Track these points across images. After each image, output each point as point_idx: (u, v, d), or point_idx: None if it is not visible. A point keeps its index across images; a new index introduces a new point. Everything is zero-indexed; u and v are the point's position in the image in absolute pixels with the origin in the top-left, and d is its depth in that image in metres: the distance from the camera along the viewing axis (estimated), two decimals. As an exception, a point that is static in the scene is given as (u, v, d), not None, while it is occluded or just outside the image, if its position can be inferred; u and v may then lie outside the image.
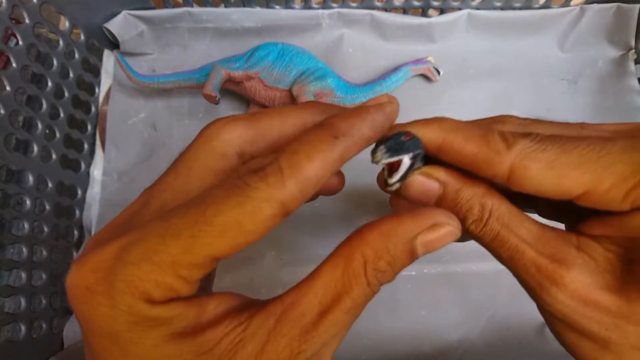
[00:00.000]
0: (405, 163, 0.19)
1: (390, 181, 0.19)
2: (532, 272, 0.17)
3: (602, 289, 0.16)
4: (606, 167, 0.16)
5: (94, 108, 0.48)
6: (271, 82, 0.44)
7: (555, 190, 0.16)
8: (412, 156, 0.19)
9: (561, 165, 0.16)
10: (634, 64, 0.49)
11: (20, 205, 0.38)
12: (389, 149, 0.19)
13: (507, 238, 0.17)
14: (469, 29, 0.49)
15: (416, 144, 0.19)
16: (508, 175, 0.17)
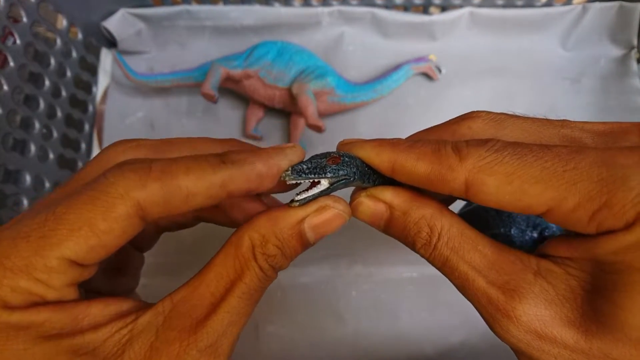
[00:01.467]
0: (321, 185, 0.18)
1: (295, 198, 0.18)
2: (483, 303, 0.16)
3: (559, 322, 0.14)
4: (572, 183, 0.14)
5: (91, 107, 0.48)
6: (270, 80, 0.43)
7: (515, 207, 0.15)
8: (335, 180, 0.19)
9: (521, 180, 0.14)
10: (637, 63, 0.48)
11: (17, 205, 0.38)
12: (294, 170, 0.18)
13: (457, 265, 0.16)
14: (470, 27, 0.48)
15: (344, 168, 0.19)
16: (465, 191, 0.15)
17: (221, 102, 0.48)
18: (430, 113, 0.48)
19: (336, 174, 0.19)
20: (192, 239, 0.44)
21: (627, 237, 0.13)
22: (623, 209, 0.13)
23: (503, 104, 0.48)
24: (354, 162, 0.19)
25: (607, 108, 0.48)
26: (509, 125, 0.17)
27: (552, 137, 0.17)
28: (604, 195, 0.13)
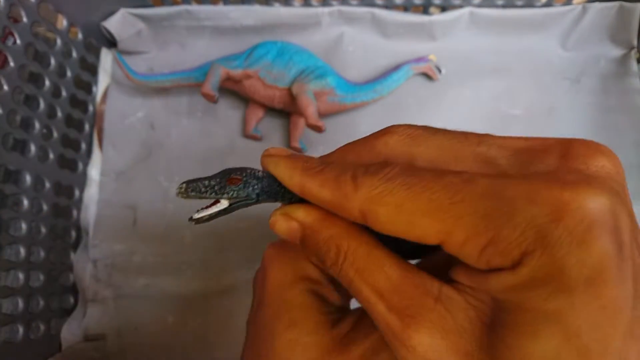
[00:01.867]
0: (221, 204, 0.19)
1: (193, 216, 0.20)
2: (383, 329, 0.15)
3: (454, 355, 0.14)
4: (458, 217, 0.13)
5: (91, 107, 0.48)
6: (270, 80, 0.43)
7: (409, 237, 0.14)
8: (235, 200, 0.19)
9: (409, 212, 0.14)
10: (637, 63, 0.48)
11: (17, 205, 0.38)
12: (189, 187, 0.19)
13: (359, 287, 0.16)
14: (470, 27, 0.48)
15: (245, 189, 0.19)
16: (362, 219, 0.15)
17: (221, 102, 0.48)
18: (430, 113, 0.48)
19: (235, 195, 0.19)
20: (192, 238, 0.44)
21: (513, 277, 0.12)
22: (508, 248, 0.12)
23: (503, 104, 0.48)
24: (259, 185, 0.19)
25: (607, 108, 0.48)
26: (424, 142, 0.17)
27: (467, 156, 0.16)
28: (490, 231, 0.13)
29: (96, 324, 0.42)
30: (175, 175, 0.46)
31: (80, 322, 0.42)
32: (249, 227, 0.44)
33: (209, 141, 0.47)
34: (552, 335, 0.12)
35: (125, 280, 0.44)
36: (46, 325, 0.40)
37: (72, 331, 0.42)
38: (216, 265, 0.44)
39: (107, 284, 0.43)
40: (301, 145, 0.45)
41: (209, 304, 0.43)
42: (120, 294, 0.43)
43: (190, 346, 0.42)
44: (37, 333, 0.39)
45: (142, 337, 0.42)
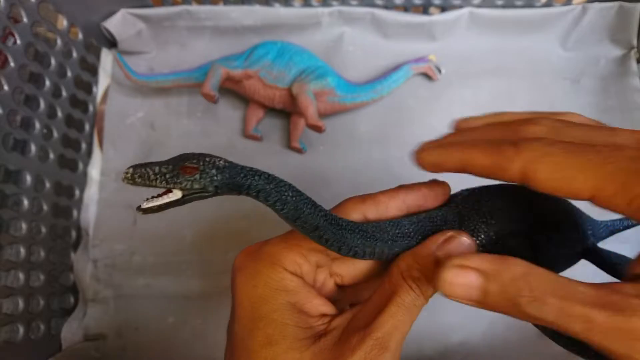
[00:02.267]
0: (173, 194, 0.17)
1: (142, 205, 0.17)
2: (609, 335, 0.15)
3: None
4: (610, 173, 0.16)
5: (91, 107, 0.48)
6: (270, 81, 0.43)
7: (564, 192, 0.17)
8: (189, 192, 0.17)
9: (568, 169, 0.16)
10: (636, 63, 0.48)
11: (18, 205, 0.38)
12: (137, 172, 0.17)
13: (571, 310, 0.15)
14: (470, 27, 0.48)
15: (201, 180, 0.17)
16: (521, 178, 0.18)
17: (221, 103, 0.48)
18: (430, 113, 0.48)
19: (188, 186, 0.17)
20: (192, 239, 0.44)
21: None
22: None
23: (503, 104, 0.48)
24: (219, 175, 0.18)
25: (606, 108, 0.48)
26: (563, 133, 0.19)
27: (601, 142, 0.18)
28: (638, 185, 0.15)
29: (96, 324, 0.42)
30: (176, 175, 0.46)
31: (80, 322, 0.42)
32: (249, 227, 0.44)
33: (209, 141, 0.47)
34: None
35: (125, 280, 0.44)
36: (46, 325, 0.40)
37: (72, 331, 0.42)
38: (216, 265, 0.44)
39: (107, 283, 0.43)
40: (301, 145, 0.45)
41: (209, 304, 0.43)
42: (120, 293, 0.43)
43: (190, 346, 0.42)
44: (38, 333, 0.39)
45: (142, 337, 0.42)
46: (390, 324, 0.19)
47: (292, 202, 0.19)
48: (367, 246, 0.20)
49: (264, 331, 0.20)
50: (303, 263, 0.21)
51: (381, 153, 0.46)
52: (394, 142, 0.47)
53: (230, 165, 0.18)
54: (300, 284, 0.21)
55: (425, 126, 0.47)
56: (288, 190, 0.19)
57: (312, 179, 0.46)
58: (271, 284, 0.20)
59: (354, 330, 0.20)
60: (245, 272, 0.21)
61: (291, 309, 0.20)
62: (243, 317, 0.21)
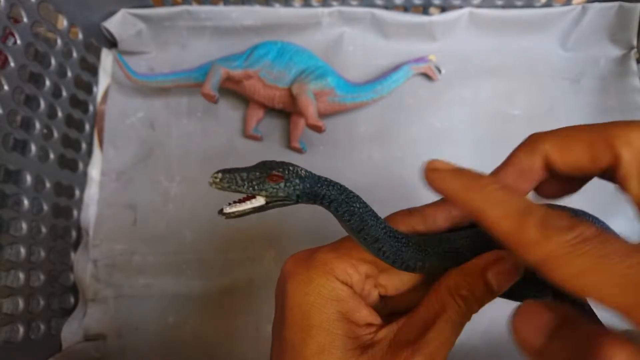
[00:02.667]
0: (256, 201, 0.18)
1: (224, 209, 0.18)
2: None
3: None
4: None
5: (91, 107, 0.48)
6: (270, 81, 0.43)
7: (587, 298, 0.14)
8: (273, 199, 0.17)
9: (596, 279, 0.14)
10: (636, 63, 0.48)
11: (18, 205, 0.38)
12: (225, 176, 0.17)
13: None
14: (470, 27, 0.48)
15: (285, 189, 0.18)
16: (538, 266, 0.15)
17: (221, 103, 0.48)
18: (429, 113, 0.48)
19: (274, 193, 0.18)
20: (192, 238, 0.44)
21: None
22: None
23: (503, 104, 0.48)
24: (301, 185, 0.18)
25: (606, 108, 0.48)
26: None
27: None
28: None
29: (96, 324, 0.42)
30: (176, 175, 0.46)
31: (80, 322, 0.42)
32: (249, 227, 0.44)
33: (209, 141, 0.47)
34: None
35: (125, 280, 0.44)
36: (46, 325, 0.40)
37: (72, 331, 0.42)
38: (216, 265, 0.44)
39: (108, 283, 0.44)
40: (301, 145, 0.45)
41: (209, 304, 0.43)
42: (120, 293, 0.43)
43: (190, 346, 0.42)
44: (38, 333, 0.39)
45: (142, 337, 0.42)
46: (439, 339, 0.20)
47: (359, 213, 0.19)
48: (419, 260, 0.20)
49: (317, 339, 0.20)
50: (353, 273, 0.21)
51: (381, 153, 0.46)
52: (394, 142, 0.47)
53: (310, 175, 0.19)
54: (351, 293, 0.21)
55: (425, 126, 0.47)
56: (356, 202, 0.19)
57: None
58: (324, 292, 0.21)
59: (403, 344, 0.20)
60: (298, 278, 0.21)
61: (341, 318, 0.21)
62: (294, 324, 0.21)
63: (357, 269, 0.21)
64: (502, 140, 0.47)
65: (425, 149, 0.46)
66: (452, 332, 0.20)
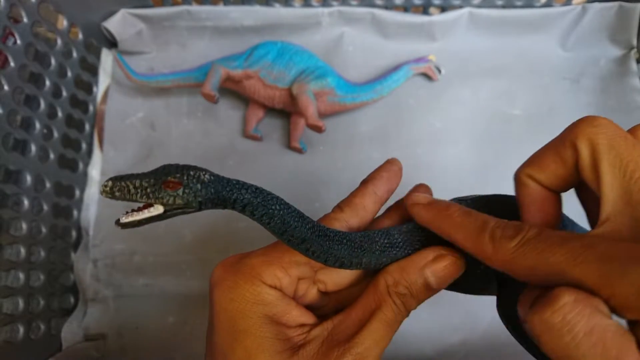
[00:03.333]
0: (154, 209, 0.16)
1: (121, 219, 0.17)
2: None
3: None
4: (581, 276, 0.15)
5: (92, 107, 0.48)
6: (271, 81, 0.43)
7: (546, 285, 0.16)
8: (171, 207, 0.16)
9: (540, 270, 0.16)
10: (636, 63, 0.48)
11: (18, 205, 0.38)
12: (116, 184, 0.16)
13: None
14: (470, 27, 0.48)
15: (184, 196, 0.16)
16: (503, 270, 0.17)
17: (221, 103, 0.48)
18: (429, 113, 0.48)
19: (171, 201, 0.16)
20: (191, 238, 0.44)
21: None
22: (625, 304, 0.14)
23: (503, 104, 0.48)
24: (203, 190, 0.17)
25: (606, 108, 0.48)
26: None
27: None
28: (607, 288, 0.14)
29: (96, 324, 0.42)
30: (176, 175, 0.46)
31: (80, 322, 0.42)
32: (249, 227, 0.44)
33: (209, 141, 0.47)
34: None
35: (125, 279, 0.44)
36: (46, 325, 0.40)
37: (72, 331, 0.42)
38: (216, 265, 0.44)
39: (108, 283, 0.44)
40: (301, 145, 0.45)
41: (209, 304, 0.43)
42: (120, 293, 0.43)
43: (190, 346, 0.42)
44: (38, 333, 0.39)
45: (142, 337, 0.42)
46: (371, 339, 0.20)
47: (279, 215, 0.18)
48: (354, 257, 0.20)
49: (243, 344, 0.20)
50: (283, 276, 0.21)
51: (381, 153, 0.46)
52: (394, 142, 0.47)
53: (215, 179, 0.18)
54: (279, 296, 0.21)
55: (425, 126, 0.47)
56: (275, 204, 0.18)
57: (312, 179, 0.46)
58: (248, 297, 0.20)
59: (335, 344, 0.20)
60: (224, 284, 0.21)
61: (269, 321, 0.20)
62: (222, 330, 0.21)
63: (288, 272, 0.21)
64: (502, 140, 0.47)
65: (425, 149, 0.46)
66: (386, 331, 0.20)
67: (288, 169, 0.46)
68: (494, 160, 0.46)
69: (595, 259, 0.15)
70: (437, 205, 0.21)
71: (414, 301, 0.21)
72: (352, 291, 0.23)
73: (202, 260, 0.44)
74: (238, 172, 0.45)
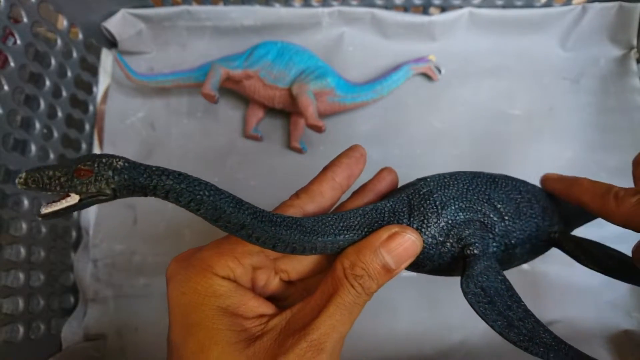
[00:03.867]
0: (70, 199, 0.16)
1: (41, 210, 0.17)
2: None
3: None
4: None
5: (92, 107, 0.48)
6: (270, 81, 0.43)
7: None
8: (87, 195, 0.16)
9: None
10: (636, 63, 0.48)
11: (18, 205, 0.38)
12: (30, 176, 0.16)
13: None
14: (470, 27, 0.48)
15: (97, 183, 0.16)
16: (623, 224, 0.21)
17: (221, 103, 0.48)
18: (429, 113, 0.48)
19: (84, 190, 0.16)
20: (191, 238, 0.44)
21: None
22: None
23: (503, 104, 0.48)
24: (115, 177, 0.17)
25: (606, 108, 0.48)
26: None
27: None
28: None
29: (96, 324, 0.42)
30: (176, 175, 0.46)
31: (80, 322, 0.42)
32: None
33: (209, 141, 0.47)
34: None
35: (125, 280, 0.44)
36: (46, 325, 0.40)
37: (72, 331, 0.42)
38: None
39: (108, 283, 0.44)
40: (301, 145, 0.45)
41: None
42: (120, 293, 0.43)
43: (190, 346, 0.42)
44: (38, 333, 0.39)
45: (142, 337, 0.42)
46: (328, 324, 0.19)
47: (210, 201, 0.18)
48: (306, 242, 0.19)
49: (196, 338, 0.19)
50: (236, 267, 0.21)
51: (381, 153, 0.46)
52: (393, 142, 0.47)
53: (130, 166, 0.17)
54: (233, 287, 0.20)
55: (425, 126, 0.47)
56: (204, 190, 0.18)
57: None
58: (200, 290, 0.20)
59: (291, 332, 0.19)
60: (176, 278, 0.21)
61: (223, 313, 0.20)
62: (175, 325, 0.20)
63: (241, 262, 0.21)
64: (502, 140, 0.47)
65: (425, 149, 0.46)
66: (344, 316, 0.20)
67: (288, 169, 0.46)
68: (494, 160, 0.46)
69: None
70: (567, 177, 0.26)
71: (373, 283, 0.20)
72: (318, 279, 0.23)
73: (202, 260, 0.44)
74: (238, 172, 0.45)
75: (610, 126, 0.47)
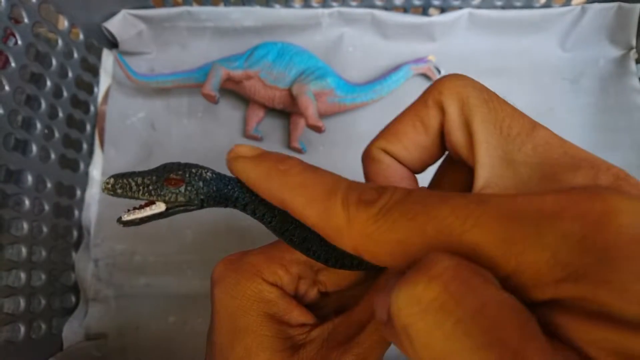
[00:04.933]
0: (156, 207, 0.16)
1: (122, 217, 0.17)
2: None
3: None
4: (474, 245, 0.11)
5: (92, 108, 0.48)
6: (271, 81, 0.43)
7: None
8: (173, 205, 0.16)
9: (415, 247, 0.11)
10: (635, 64, 0.48)
11: (19, 205, 0.38)
12: (118, 182, 0.16)
13: None
14: (469, 28, 0.48)
15: (187, 193, 0.16)
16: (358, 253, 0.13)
17: (222, 103, 0.48)
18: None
19: (173, 199, 0.16)
20: (192, 238, 0.45)
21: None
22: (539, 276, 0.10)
23: (502, 104, 0.48)
24: (205, 188, 0.17)
25: (606, 108, 0.48)
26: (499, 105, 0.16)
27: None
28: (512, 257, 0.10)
29: (97, 323, 0.43)
30: (176, 176, 0.46)
31: (81, 322, 0.43)
32: (250, 226, 0.44)
33: (210, 141, 0.47)
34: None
35: (126, 279, 0.44)
36: (48, 325, 0.40)
37: (73, 330, 0.42)
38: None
39: (109, 283, 0.44)
40: (301, 146, 0.45)
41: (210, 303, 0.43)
42: (121, 293, 0.43)
43: (190, 346, 0.42)
44: (39, 332, 0.39)
45: (143, 337, 0.42)
46: (372, 340, 0.19)
47: (281, 214, 0.18)
48: (355, 258, 0.19)
49: (243, 342, 0.19)
50: (284, 275, 0.21)
51: (381, 153, 0.46)
52: (393, 142, 0.47)
53: (217, 177, 0.17)
54: (280, 294, 0.20)
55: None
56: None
57: (312, 179, 0.46)
58: (250, 294, 0.20)
59: (335, 345, 0.19)
60: (225, 282, 0.21)
61: (270, 320, 0.20)
62: (222, 328, 0.20)
63: (289, 270, 0.21)
64: (502, 141, 0.47)
65: (425, 149, 0.46)
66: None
67: (288, 169, 0.46)
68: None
69: (492, 217, 0.10)
70: (268, 158, 0.16)
71: None
72: (353, 292, 0.23)
73: (203, 260, 0.44)
74: (238, 172, 0.45)
75: (609, 126, 0.47)
